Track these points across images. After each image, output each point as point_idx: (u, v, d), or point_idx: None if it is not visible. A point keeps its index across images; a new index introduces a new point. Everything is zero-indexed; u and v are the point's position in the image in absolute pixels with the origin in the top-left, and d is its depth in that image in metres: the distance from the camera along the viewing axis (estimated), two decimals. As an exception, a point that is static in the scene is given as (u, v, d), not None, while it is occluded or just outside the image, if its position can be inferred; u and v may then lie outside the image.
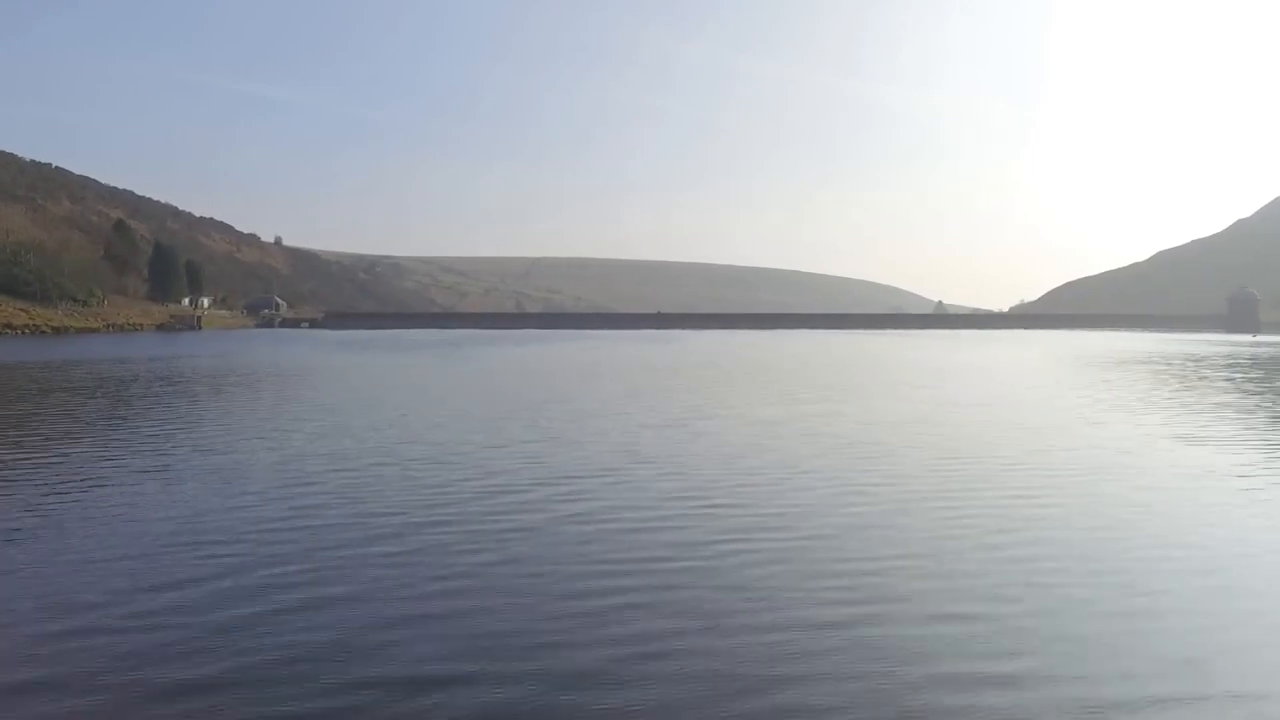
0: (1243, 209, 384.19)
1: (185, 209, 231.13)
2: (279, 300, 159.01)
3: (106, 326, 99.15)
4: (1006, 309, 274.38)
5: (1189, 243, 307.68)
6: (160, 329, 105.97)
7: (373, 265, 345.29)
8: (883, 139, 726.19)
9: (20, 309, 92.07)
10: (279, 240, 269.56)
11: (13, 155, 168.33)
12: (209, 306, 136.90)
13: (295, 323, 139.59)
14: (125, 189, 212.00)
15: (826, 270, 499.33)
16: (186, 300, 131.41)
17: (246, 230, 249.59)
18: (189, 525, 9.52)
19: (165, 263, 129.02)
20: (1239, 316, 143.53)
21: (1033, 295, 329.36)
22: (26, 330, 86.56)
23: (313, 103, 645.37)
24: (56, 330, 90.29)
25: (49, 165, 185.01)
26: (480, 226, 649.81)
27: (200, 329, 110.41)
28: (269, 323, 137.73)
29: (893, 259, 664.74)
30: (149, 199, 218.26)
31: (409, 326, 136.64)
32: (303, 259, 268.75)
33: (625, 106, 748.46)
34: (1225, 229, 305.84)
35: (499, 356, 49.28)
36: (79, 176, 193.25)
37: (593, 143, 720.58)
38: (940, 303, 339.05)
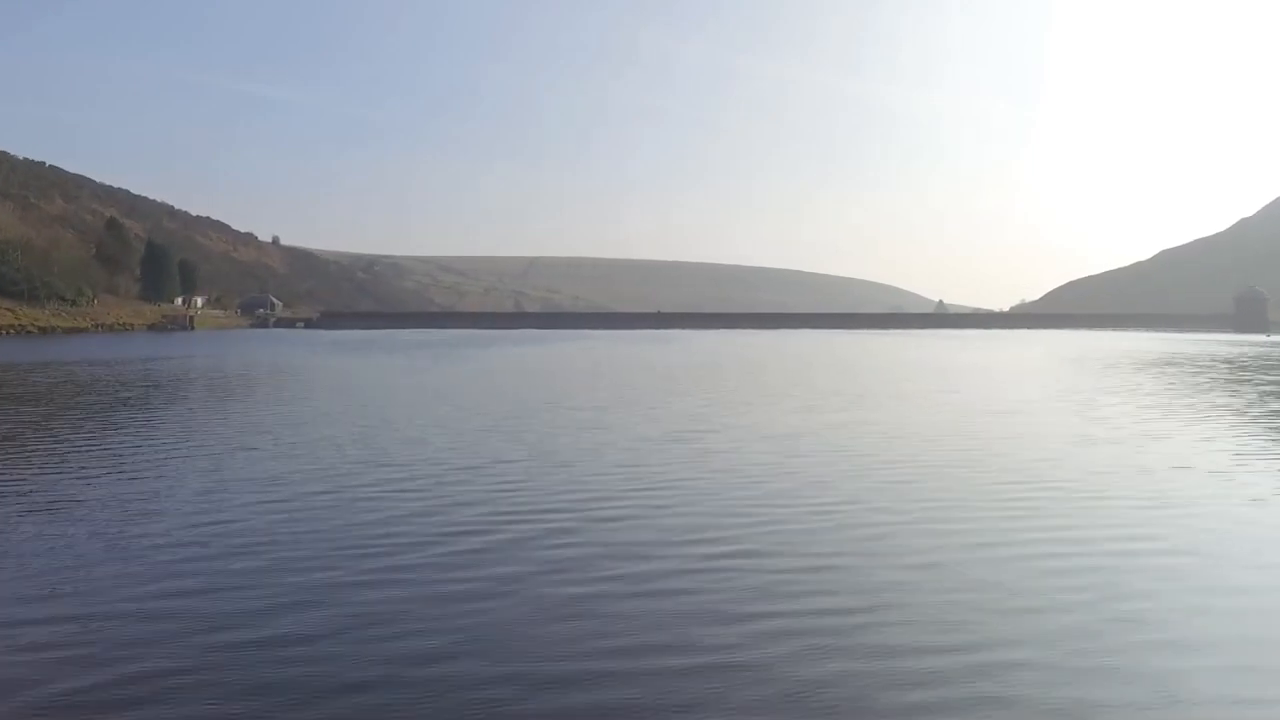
0: (1246, 208, 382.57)
1: (183, 209, 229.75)
2: (274, 300, 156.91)
3: (95, 326, 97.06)
4: (1007, 309, 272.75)
5: (1192, 242, 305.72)
6: (152, 329, 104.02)
7: (371, 265, 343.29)
8: (883, 139, 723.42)
9: (6, 308, 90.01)
10: (276, 240, 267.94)
11: (5, 153, 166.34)
12: (203, 306, 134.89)
13: (290, 322, 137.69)
14: (121, 188, 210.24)
15: (827, 270, 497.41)
16: (180, 300, 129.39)
17: (244, 230, 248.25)
18: (64, 574, 7.36)
19: (158, 262, 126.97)
20: (1247, 316, 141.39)
21: (1033, 295, 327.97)
22: (11, 330, 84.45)
23: (312, 102, 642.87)
24: (43, 330, 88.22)
25: (42, 164, 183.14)
26: (479, 226, 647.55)
27: (193, 329, 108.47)
28: (264, 322, 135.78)
29: (893, 259, 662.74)
30: (145, 198, 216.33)
31: (405, 326, 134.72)
32: (300, 258, 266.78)
33: (625, 106, 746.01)
34: (1228, 228, 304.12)
35: (493, 358, 47.15)
36: (73, 175, 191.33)
37: (592, 142, 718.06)
38: (941, 302, 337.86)
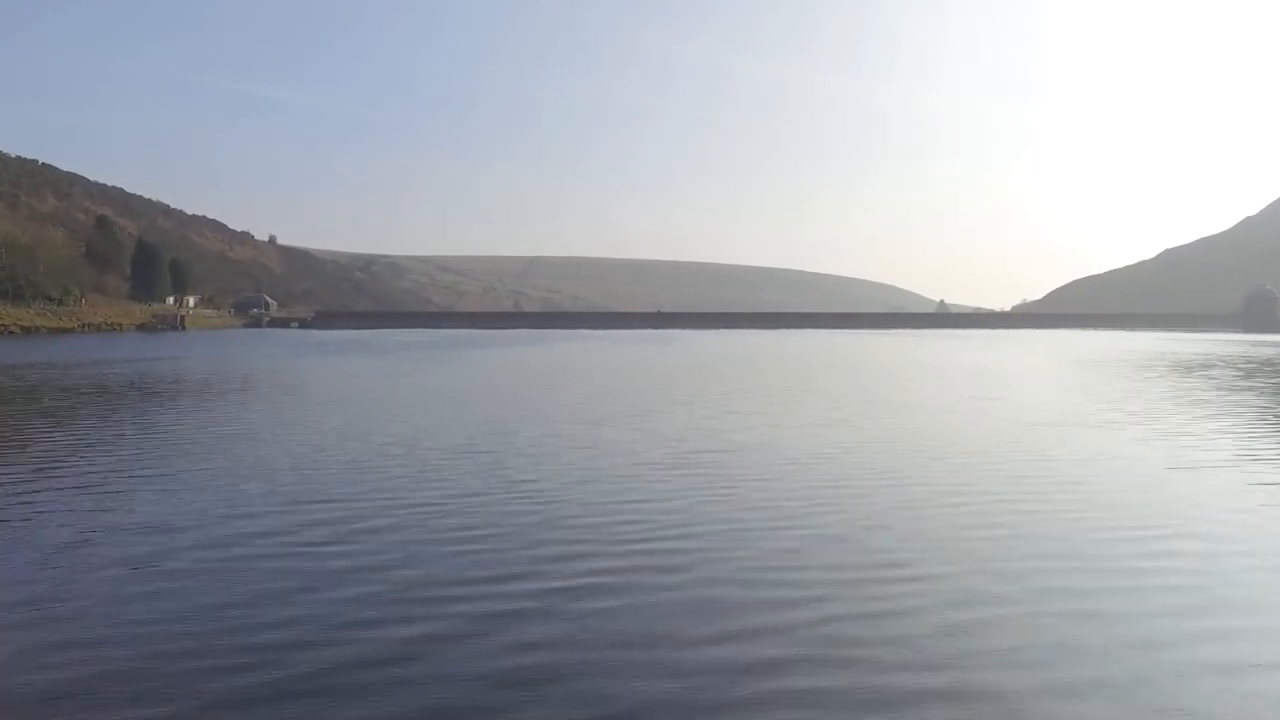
0: (1249, 207, 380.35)
1: (180, 208, 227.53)
2: (268, 299, 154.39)
3: (82, 326, 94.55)
4: (1009, 308, 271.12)
5: (1195, 241, 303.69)
6: (141, 329, 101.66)
7: (369, 264, 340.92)
8: (883, 138, 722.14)
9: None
10: (273, 239, 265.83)
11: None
12: (195, 306, 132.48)
13: (284, 322, 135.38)
14: (115, 186, 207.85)
15: (827, 270, 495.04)
16: (171, 299, 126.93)
17: (240, 229, 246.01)
18: None
19: (148, 261, 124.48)
20: (1257, 315, 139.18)
21: (1035, 295, 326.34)
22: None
23: (310, 101, 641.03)
24: (26, 330, 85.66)
25: (35, 161, 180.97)
26: (478, 226, 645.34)
27: (184, 329, 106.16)
28: (257, 322, 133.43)
29: (893, 259, 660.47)
30: (139, 196, 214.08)
31: (401, 326, 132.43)
32: (297, 258, 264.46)
33: (624, 105, 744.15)
34: (1232, 227, 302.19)
35: (486, 360, 44.77)
36: (66, 173, 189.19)
37: (591, 142, 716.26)
38: (942, 302, 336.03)
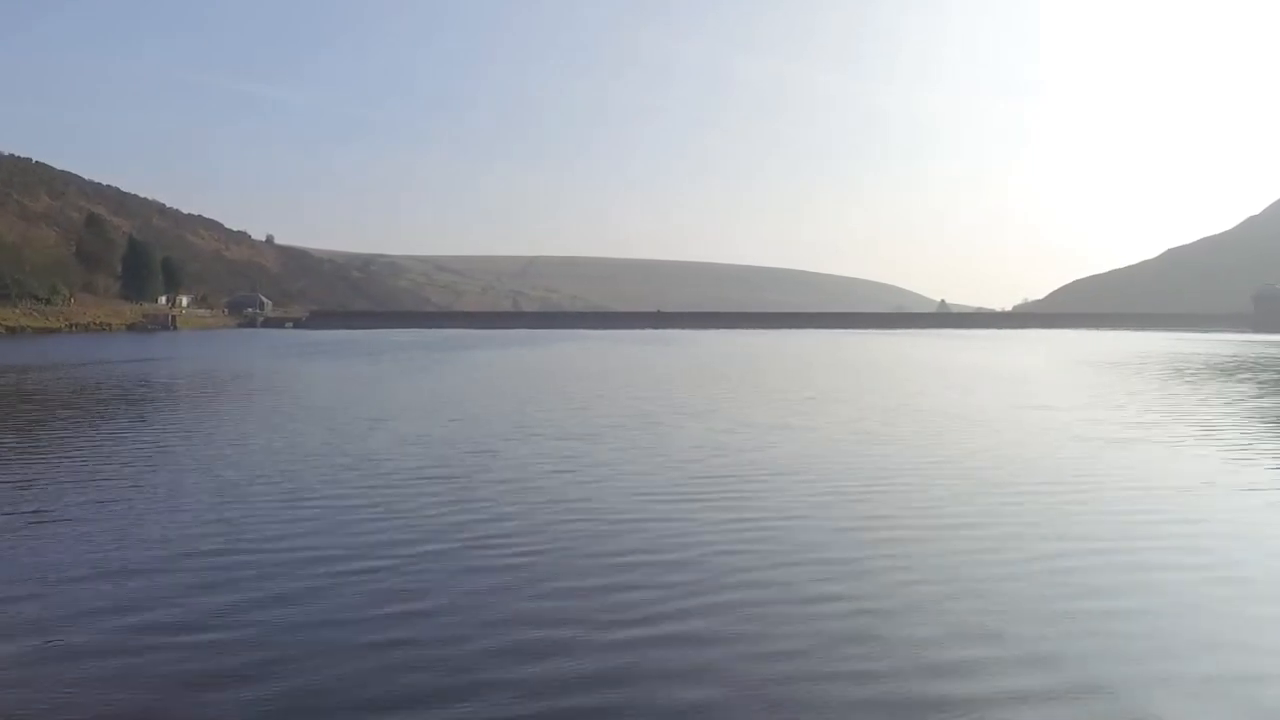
0: (1252, 206, 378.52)
1: (178, 208, 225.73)
2: (263, 299, 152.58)
3: (69, 326, 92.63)
4: (1010, 308, 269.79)
5: (1199, 240, 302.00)
6: (131, 329, 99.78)
7: (367, 264, 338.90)
8: (883, 138, 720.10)
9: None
10: (270, 238, 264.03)
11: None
12: (188, 305, 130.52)
13: (279, 322, 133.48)
14: (110, 185, 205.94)
15: (827, 270, 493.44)
16: (163, 299, 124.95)
17: (237, 228, 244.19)
18: None
19: (140, 259, 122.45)
20: (1266, 315, 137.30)
21: (1036, 294, 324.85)
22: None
23: (309, 101, 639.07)
24: (11, 330, 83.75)
25: (29, 160, 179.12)
26: (477, 225, 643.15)
27: (176, 329, 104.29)
28: (251, 322, 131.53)
29: (893, 259, 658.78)
30: (134, 195, 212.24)
31: (397, 326, 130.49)
32: (294, 257, 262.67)
33: (624, 105, 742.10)
34: (1235, 226, 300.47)
35: (478, 361, 42.81)
36: (61, 172, 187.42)
37: (591, 141, 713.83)
38: (943, 301, 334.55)
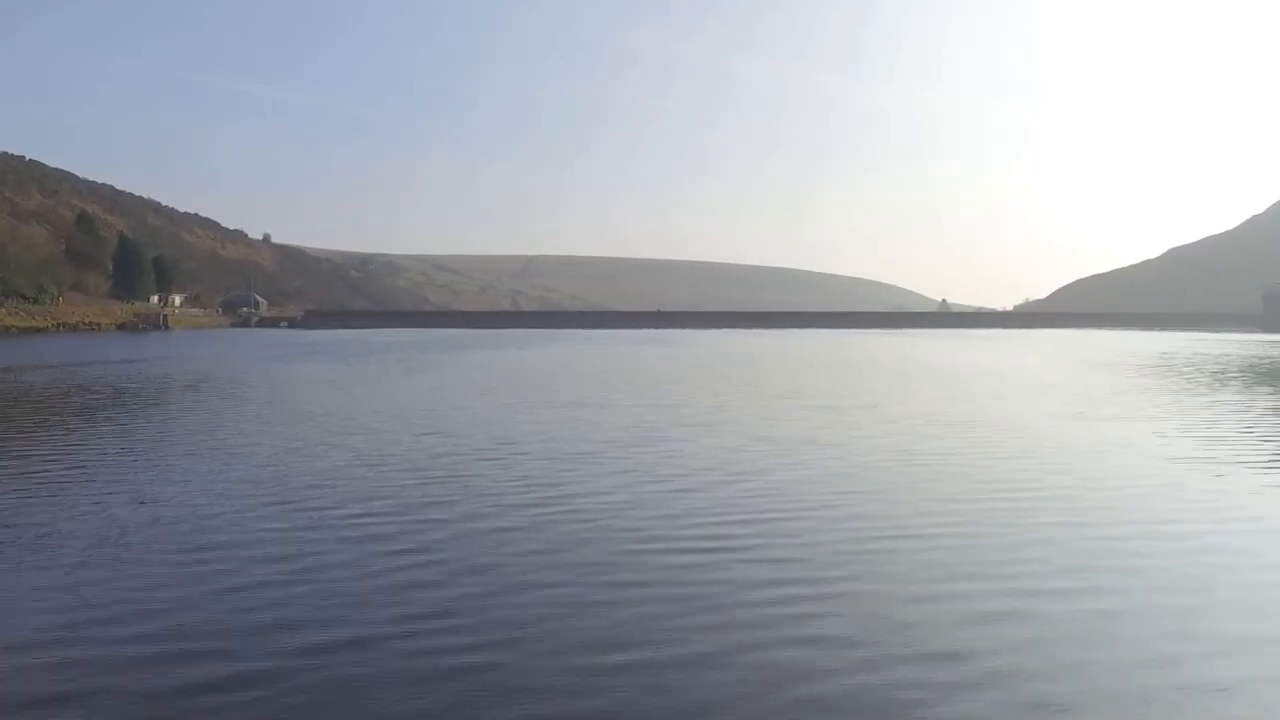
0: (1255, 206, 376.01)
1: (174, 206, 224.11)
2: (258, 298, 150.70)
3: (56, 326, 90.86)
4: (1010, 308, 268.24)
5: (1201, 240, 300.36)
6: (122, 329, 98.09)
7: (365, 263, 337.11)
8: (883, 137, 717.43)
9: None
10: (267, 237, 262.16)
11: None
12: (181, 304, 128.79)
13: (274, 322, 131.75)
14: (105, 183, 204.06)
15: (828, 269, 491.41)
16: (155, 298, 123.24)
17: (234, 227, 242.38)
18: None
19: (131, 258, 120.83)
20: (1277, 314, 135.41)
21: (1038, 294, 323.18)
22: (-40, 330, 78.47)
23: (308, 101, 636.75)
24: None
25: (21, 158, 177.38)
26: (477, 225, 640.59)
27: (168, 329, 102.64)
28: (246, 321, 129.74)
29: (893, 258, 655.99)
30: (129, 194, 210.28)
31: (394, 325, 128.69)
32: (291, 256, 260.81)
33: (623, 105, 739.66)
34: (1238, 226, 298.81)
35: (469, 363, 41.06)
36: (54, 170, 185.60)
37: (591, 141, 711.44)
38: (944, 301, 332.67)
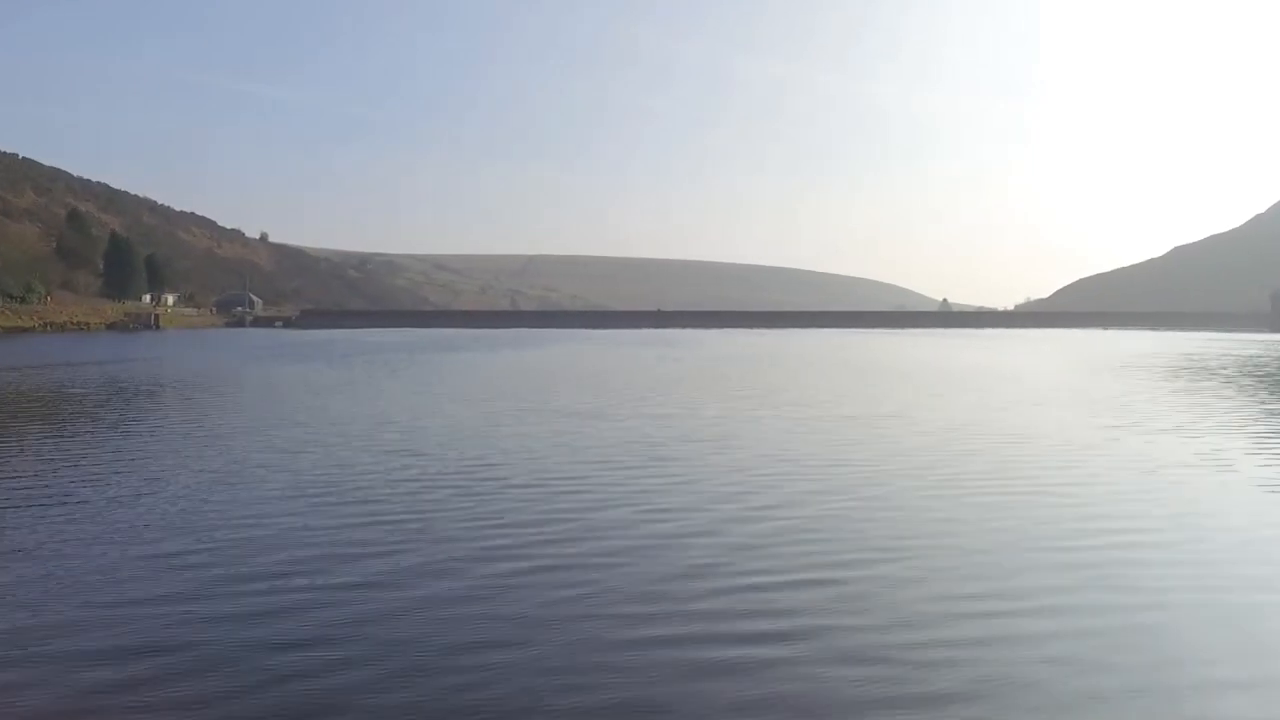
0: (1259, 204, 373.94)
1: (170, 205, 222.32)
2: (254, 297, 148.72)
3: (44, 326, 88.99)
4: (1011, 307, 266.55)
5: (1205, 239, 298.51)
6: (112, 328, 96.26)
7: (364, 262, 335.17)
8: (883, 138, 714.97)
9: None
10: (264, 236, 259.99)
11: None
12: (173, 304, 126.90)
13: (269, 321, 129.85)
14: (100, 181, 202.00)
15: (828, 269, 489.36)
16: (148, 297, 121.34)
17: (232, 226, 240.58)
18: None
19: (122, 257, 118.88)
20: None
21: (1039, 293, 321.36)
22: (-57, 330, 76.67)
23: (308, 100, 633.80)
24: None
25: (14, 155, 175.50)
26: (476, 225, 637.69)
27: (160, 328, 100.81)
28: (240, 321, 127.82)
29: (893, 258, 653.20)
30: (124, 192, 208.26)
31: (390, 325, 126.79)
32: (288, 255, 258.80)
33: (623, 104, 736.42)
34: (1242, 225, 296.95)
35: (460, 365, 39.21)
36: (48, 168, 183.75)
37: (591, 140, 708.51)
38: (945, 300, 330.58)
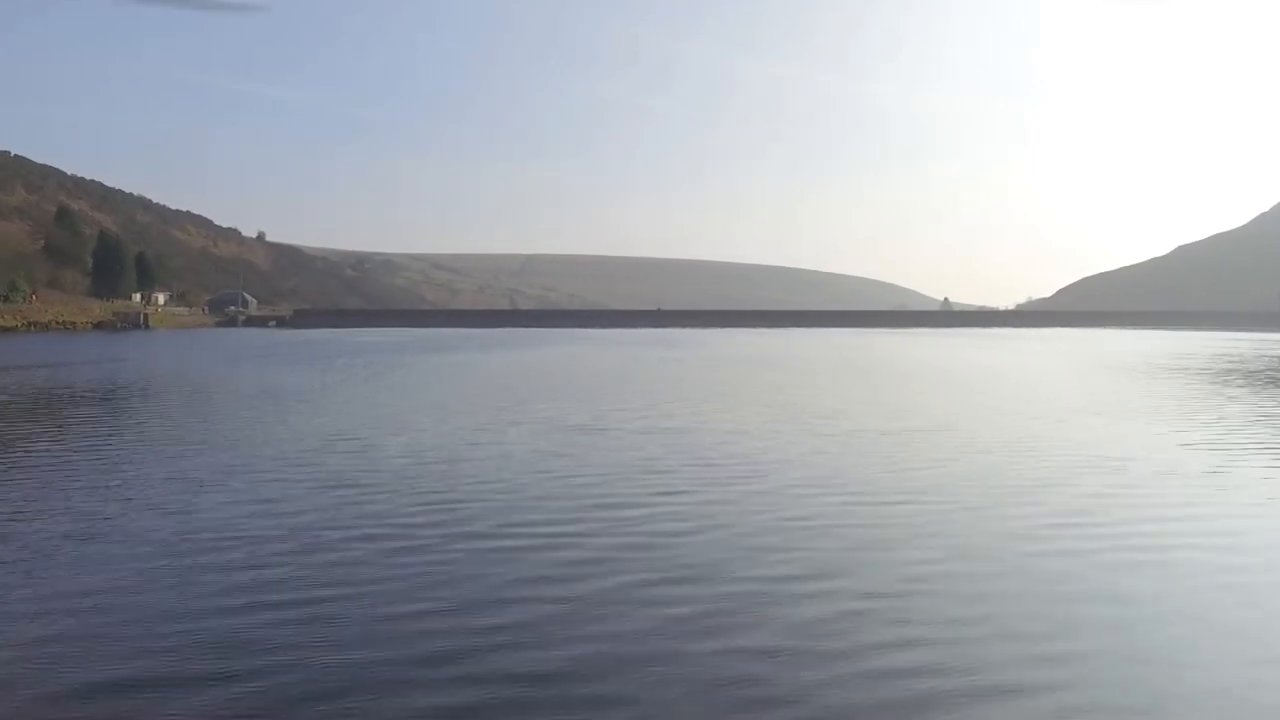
0: (1263, 203, 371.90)
1: (166, 204, 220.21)
2: (247, 296, 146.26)
3: (27, 325, 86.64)
4: (1013, 306, 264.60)
5: (1209, 237, 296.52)
6: (99, 328, 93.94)
7: (361, 261, 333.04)
8: (883, 138, 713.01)
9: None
10: (261, 235, 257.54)
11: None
12: (164, 303, 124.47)
13: (262, 321, 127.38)
14: (94, 180, 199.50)
15: (828, 269, 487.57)
16: (138, 296, 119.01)
17: (228, 225, 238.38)
18: None
19: (111, 255, 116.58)
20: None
21: (1040, 293, 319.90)
22: (-79, 329, 74.40)
23: (307, 100, 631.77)
24: (-40, 329, 78.16)
25: (5, 153, 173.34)
26: (475, 224, 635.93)
27: (149, 328, 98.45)
28: (232, 320, 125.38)
29: (893, 258, 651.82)
30: (119, 190, 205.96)
31: (385, 324, 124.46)
32: (285, 254, 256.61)
33: (622, 104, 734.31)
34: (1246, 223, 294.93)
35: (449, 367, 36.94)
36: (40, 166, 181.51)
37: (590, 140, 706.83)
38: (946, 299, 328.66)
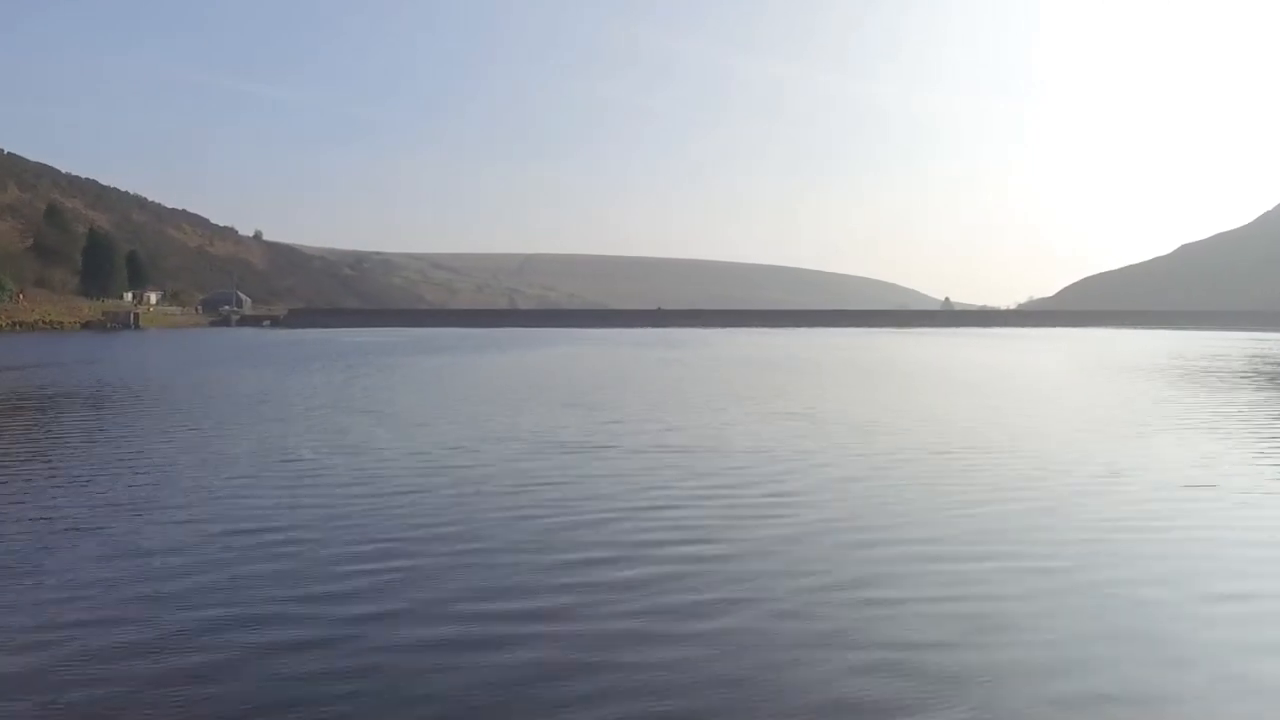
0: (1266, 202, 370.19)
1: (161, 203, 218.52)
2: (242, 296, 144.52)
3: (12, 325, 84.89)
4: (1014, 306, 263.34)
5: (1213, 236, 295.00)
6: (88, 328, 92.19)
7: (359, 261, 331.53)
8: (883, 138, 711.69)
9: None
10: (258, 234, 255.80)
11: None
12: (156, 302, 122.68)
13: (256, 320, 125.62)
14: (89, 178, 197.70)
15: (829, 268, 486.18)
16: (129, 295, 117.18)
17: (225, 224, 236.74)
18: None
19: (102, 254, 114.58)
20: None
21: (1041, 292, 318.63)
22: (-98, 329, 72.59)
23: (306, 100, 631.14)
24: (-58, 329, 76.39)
25: (0, 151, 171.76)
26: (474, 224, 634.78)
27: (140, 328, 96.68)
28: (226, 320, 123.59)
29: (893, 257, 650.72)
30: (114, 189, 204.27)
31: (381, 324, 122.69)
32: (282, 254, 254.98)
33: (622, 103, 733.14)
34: (1250, 223, 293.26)
35: (433, 372, 35.17)
36: (34, 164, 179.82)
37: (589, 140, 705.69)
38: (947, 299, 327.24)
